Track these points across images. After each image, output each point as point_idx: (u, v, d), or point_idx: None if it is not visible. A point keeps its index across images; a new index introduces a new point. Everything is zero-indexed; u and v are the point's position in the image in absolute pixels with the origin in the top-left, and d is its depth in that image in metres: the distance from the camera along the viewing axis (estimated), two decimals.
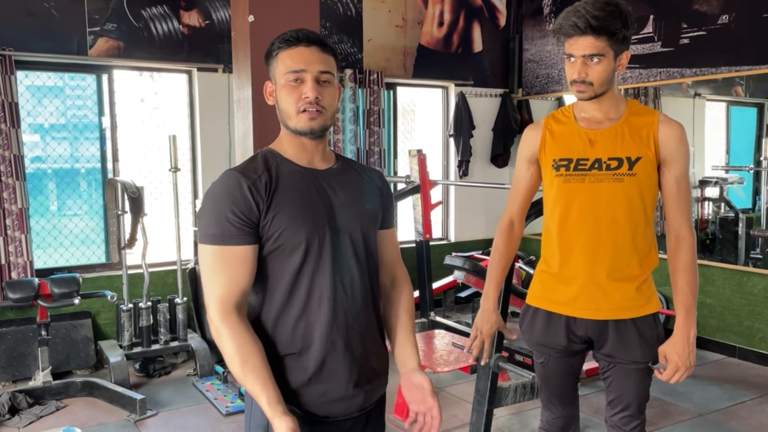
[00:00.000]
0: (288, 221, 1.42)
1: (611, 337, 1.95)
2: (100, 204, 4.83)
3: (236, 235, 1.40)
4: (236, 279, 1.41)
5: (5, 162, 4.10)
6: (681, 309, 1.91)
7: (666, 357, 1.90)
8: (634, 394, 1.99)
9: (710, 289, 4.81)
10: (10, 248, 4.16)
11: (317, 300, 1.45)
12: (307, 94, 1.43)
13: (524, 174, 2.07)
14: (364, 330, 1.52)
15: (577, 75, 1.84)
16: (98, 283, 4.52)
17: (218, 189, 1.43)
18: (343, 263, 1.48)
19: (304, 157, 1.50)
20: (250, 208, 1.40)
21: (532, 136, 2.05)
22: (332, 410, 1.48)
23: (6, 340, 4.17)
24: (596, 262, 1.91)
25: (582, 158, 1.91)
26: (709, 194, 7.23)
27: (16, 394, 3.71)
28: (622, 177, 1.88)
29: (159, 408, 3.76)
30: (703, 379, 4.23)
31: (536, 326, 2.07)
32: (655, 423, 3.52)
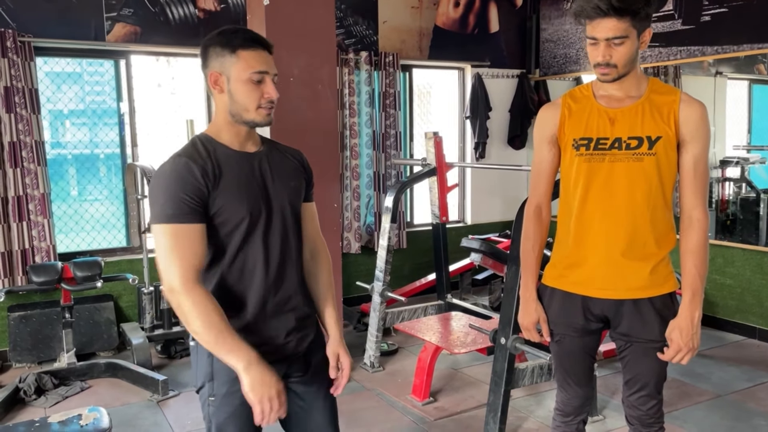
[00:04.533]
0: (230, 200, 1.61)
1: (627, 316, 1.94)
2: (120, 189, 4.89)
3: (190, 214, 1.56)
4: (194, 253, 1.56)
5: (27, 148, 4.15)
6: (687, 291, 1.89)
7: (670, 338, 1.90)
8: (651, 374, 1.98)
9: (730, 270, 4.77)
10: (33, 233, 4.23)
11: (251, 267, 1.67)
12: (271, 94, 1.64)
13: (546, 155, 2.02)
14: (291, 290, 1.74)
15: (601, 58, 1.81)
16: (119, 267, 4.59)
17: (171, 172, 1.58)
18: (275, 234, 1.70)
19: (237, 142, 1.69)
20: (201, 190, 1.57)
21: (550, 115, 2.00)
22: (270, 356, 1.63)
23: (31, 322, 4.26)
24: (613, 241, 1.90)
25: (602, 137, 1.89)
26: (730, 174, 7.13)
27: (42, 375, 3.79)
28: (641, 156, 1.86)
29: (181, 389, 3.83)
30: (722, 360, 4.21)
31: (552, 305, 2.06)
32: (674, 404, 3.52)
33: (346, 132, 5.29)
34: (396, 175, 5.58)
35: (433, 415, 3.42)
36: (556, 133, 1.98)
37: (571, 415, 2.17)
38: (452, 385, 3.84)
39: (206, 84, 1.68)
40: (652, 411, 2.02)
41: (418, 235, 5.79)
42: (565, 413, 2.18)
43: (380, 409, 3.54)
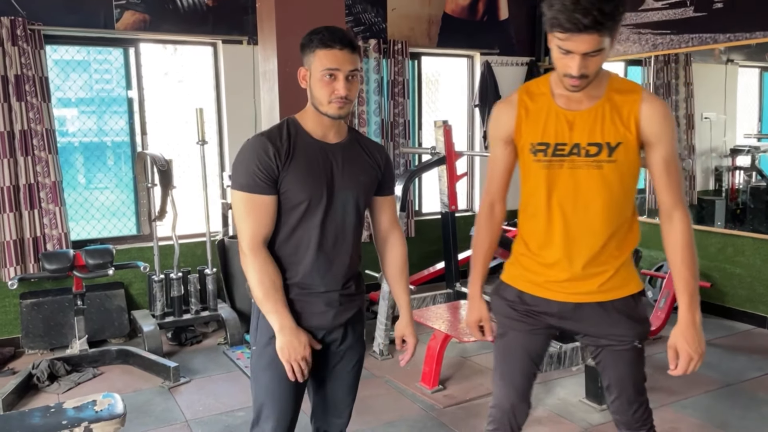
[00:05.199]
0: (294, 182, 1.80)
1: (590, 318, 1.87)
2: (129, 177, 4.90)
3: (261, 186, 1.78)
4: (261, 221, 1.80)
5: (38, 136, 4.17)
6: (684, 294, 1.80)
7: (676, 349, 1.80)
8: (628, 377, 1.89)
9: (740, 260, 4.75)
10: (45, 221, 4.25)
11: (305, 245, 1.86)
12: (339, 91, 1.78)
13: (500, 154, 1.93)
14: (339, 273, 1.91)
15: (576, 71, 1.64)
16: (130, 255, 4.61)
17: (250, 149, 1.81)
18: (331, 220, 1.86)
19: (320, 131, 1.86)
20: (272, 168, 1.78)
21: (505, 115, 1.89)
22: (310, 322, 1.89)
23: (43, 309, 4.29)
24: (575, 252, 1.83)
25: (560, 143, 1.78)
26: (741, 163, 7.08)
27: (55, 362, 3.83)
28: (601, 164, 1.76)
29: (192, 375, 3.86)
30: (731, 349, 4.21)
31: (506, 299, 1.98)
32: (683, 392, 3.53)
33: (356, 120, 5.28)
34: (405, 164, 5.57)
35: (443, 403, 3.44)
36: (512, 134, 1.88)
37: (498, 426, 2.02)
38: (461, 373, 3.85)
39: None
40: (637, 415, 1.93)
41: (427, 223, 5.79)
42: (494, 420, 2.03)
43: (390, 396, 3.56)
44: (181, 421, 3.29)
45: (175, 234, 4.38)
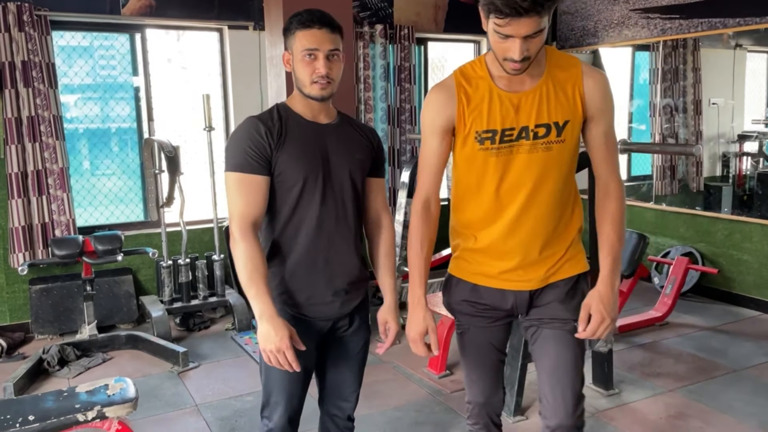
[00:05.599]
0: (288, 162, 1.80)
1: (541, 300, 1.81)
2: (135, 164, 4.91)
3: (254, 166, 1.77)
4: (252, 201, 1.78)
5: (45, 122, 4.17)
6: (608, 258, 1.76)
7: (590, 310, 1.73)
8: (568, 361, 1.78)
9: (748, 246, 4.75)
10: (53, 207, 4.27)
11: (306, 225, 1.85)
12: (320, 70, 1.78)
13: (437, 147, 1.77)
14: (342, 252, 1.90)
15: (519, 55, 1.56)
16: (137, 241, 4.63)
17: (242, 129, 1.80)
18: (329, 199, 1.85)
19: (310, 114, 1.87)
20: (264, 147, 1.77)
21: (444, 103, 1.74)
22: (317, 312, 1.90)
23: (52, 295, 4.32)
24: (531, 238, 1.76)
25: (508, 128, 1.68)
26: (748, 149, 7.05)
27: (65, 347, 3.86)
28: (551, 145, 1.69)
29: (200, 360, 3.89)
30: (739, 335, 4.21)
31: (458, 293, 1.90)
32: (689, 378, 3.54)
33: (362, 107, 5.26)
34: (411, 150, 5.56)
35: (450, 388, 3.46)
36: (453, 123, 1.74)
37: (477, 419, 1.98)
38: None
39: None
40: (572, 417, 1.79)
41: None
42: (471, 415, 1.99)
43: (397, 381, 3.58)
44: (191, 405, 3.32)
45: (183, 220, 4.39)
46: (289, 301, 1.89)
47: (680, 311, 4.61)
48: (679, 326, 4.38)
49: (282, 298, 1.88)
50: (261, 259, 1.76)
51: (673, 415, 3.14)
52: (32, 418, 2.22)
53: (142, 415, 3.12)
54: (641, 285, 5.05)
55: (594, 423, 3.07)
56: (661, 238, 5.32)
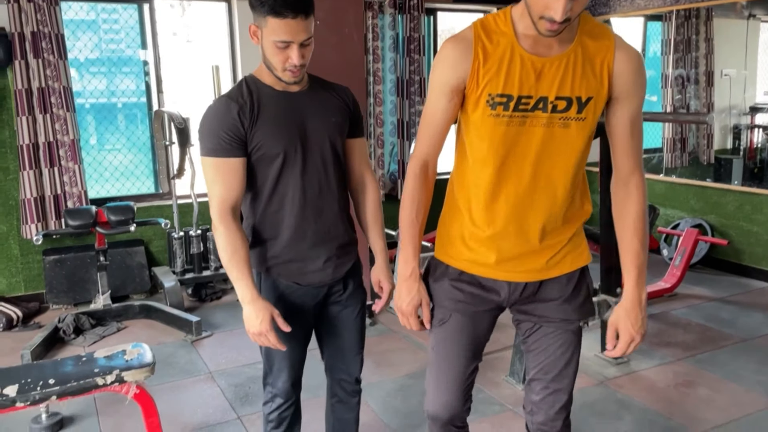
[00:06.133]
0: (267, 136, 1.75)
1: (539, 295, 1.65)
2: (143, 138, 4.91)
3: (228, 149, 1.73)
4: (230, 185, 1.75)
5: (55, 93, 4.18)
6: (632, 269, 1.58)
7: (617, 328, 1.61)
8: (564, 362, 1.65)
9: (758, 218, 4.73)
10: (65, 178, 4.29)
11: (291, 198, 1.82)
12: (293, 60, 1.70)
13: (444, 106, 1.56)
14: (329, 219, 1.88)
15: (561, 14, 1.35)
16: (149, 213, 4.66)
17: (213, 112, 1.76)
18: (312, 169, 1.82)
19: (280, 84, 1.80)
20: (238, 128, 1.73)
21: (459, 58, 1.51)
22: (310, 280, 1.90)
23: (66, 266, 4.37)
24: (534, 224, 1.58)
25: (525, 95, 1.47)
26: (760, 121, 6.99)
27: (80, 316, 3.92)
28: (569, 122, 1.49)
29: (213, 329, 3.94)
30: (747, 306, 4.23)
31: (444, 282, 1.69)
32: (698, 348, 3.56)
33: (370, 78, 5.23)
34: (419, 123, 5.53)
35: None
36: (465, 81, 1.51)
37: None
38: None
39: None
40: (561, 416, 1.68)
41: (443, 182, 5.76)
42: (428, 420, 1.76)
43: (407, 350, 3.62)
44: (205, 373, 3.37)
45: (194, 192, 4.42)
46: (282, 272, 1.88)
47: (689, 283, 4.62)
48: (688, 297, 4.40)
49: (275, 270, 1.88)
50: (241, 242, 1.76)
51: (681, 383, 3.17)
52: (52, 381, 2.26)
53: (157, 381, 3.18)
54: (650, 257, 5.04)
55: (603, 391, 3.10)
56: (671, 210, 5.31)
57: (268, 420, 2.04)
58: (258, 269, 1.88)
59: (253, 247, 1.88)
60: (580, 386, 3.14)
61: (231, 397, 3.10)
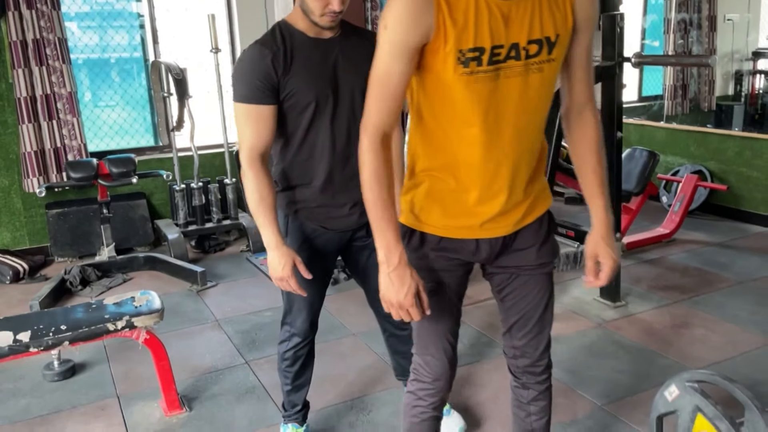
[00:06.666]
0: (300, 84, 1.76)
1: (516, 245, 1.58)
2: (138, 93, 4.87)
3: (260, 96, 1.74)
4: (260, 131, 1.78)
5: (50, 45, 4.13)
6: (599, 195, 1.57)
7: (598, 257, 1.59)
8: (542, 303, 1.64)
9: (758, 163, 4.74)
10: (64, 131, 4.28)
11: (321, 146, 1.85)
12: (334, 6, 1.71)
13: (402, 69, 1.35)
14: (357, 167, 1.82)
15: None
16: (149, 165, 4.66)
17: (246, 59, 1.78)
18: (342, 117, 1.84)
19: (313, 30, 1.80)
20: (271, 75, 1.74)
21: (419, 11, 1.29)
22: (337, 225, 1.97)
23: (69, 219, 4.40)
24: (518, 178, 1.49)
25: (496, 46, 1.33)
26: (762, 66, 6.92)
27: (86, 268, 3.97)
28: (542, 65, 1.39)
29: (218, 280, 4.00)
30: (745, 250, 4.28)
31: (428, 245, 1.57)
32: (695, 290, 3.63)
33: (368, 26, 5.15)
34: None
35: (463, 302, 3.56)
36: (430, 38, 1.32)
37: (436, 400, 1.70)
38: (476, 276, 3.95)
39: None
40: (545, 356, 1.69)
41: None
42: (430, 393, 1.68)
43: None
44: (212, 321, 3.44)
45: (194, 144, 4.41)
46: (309, 216, 1.95)
47: (688, 228, 4.66)
48: (686, 242, 4.45)
49: (302, 214, 1.95)
50: (269, 189, 1.81)
51: (679, 324, 3.24)
52: (64, 327, 2.32)
53: (165, 329, 3.24)
54: (649, 203, 5.08)
55: (601, 333, 3.17)
56: (671, 156, 5.32)
57: (284, 358, 2.14)
58: (286, 212, 1.95)
59: (282, 191, 1.94)
60: (579, 329, 3.22)
61: (238, 343, 3.17)
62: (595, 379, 2.74)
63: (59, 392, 2.77)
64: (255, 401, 2.65)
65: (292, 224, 1.96)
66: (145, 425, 2.51)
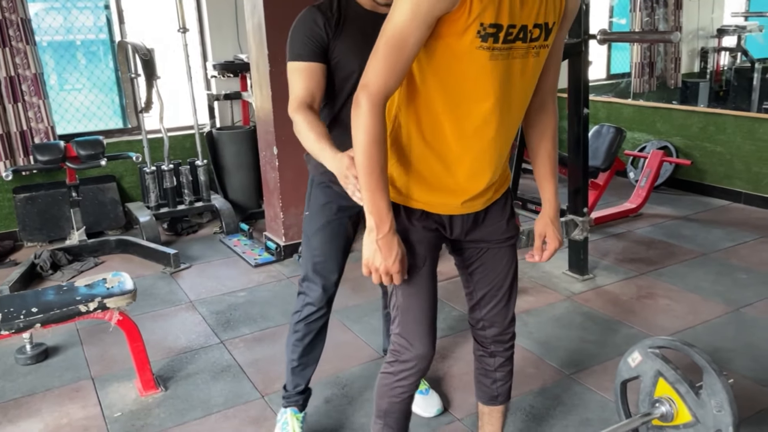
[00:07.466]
0: (345, 51, 1.81)
1: (484, 221, 1.63)
2: (105, 75, 4.79)
3: (308, 54, 1.80)
4: (308, 85, 1.80)
5: (13, 26, 4.04)
6: (551, 180, 1.68)
7: (545, 236, 1.72)
8: (509, 274, 1.70)
9: (721, 138, 4.86)
10: (30, 114, 4.21)
11: None
12: None
13: (421, 36, 1.32)
14: None
15: None
16: (118, 148, 4.60)
17: (301, 20, 1.83)
18: None
19: (370, 4, 1.85)
20: (322, 37, 1.80)
21: None
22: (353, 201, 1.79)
23: (37, 203, 4.34)
24: (502, 156, 1.54)
25: (511, 25, 1.33)
26: (726, 44, 7.05)
27: (56, 252, 3.93)
28: (539, 50, 1.42)
29: (191, 261, 4.00)
30: (708, 222, 4.40)
31: (415, 223, 1.58)
32: (660, 262, 3.73)
33: None
34: None
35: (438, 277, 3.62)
36: (455, 8, 1.29)
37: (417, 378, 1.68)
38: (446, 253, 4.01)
39: None
40: (512, 325, 1.77)
41: None
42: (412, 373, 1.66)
43: None
44: (186, 302, 3.44)
45: (164, 126, 4.37)
46: (334, 179, 1.77)
47: (654, 203, 4.78)
48: (652, 216, 4.56)
49: (328, 176, 1.85)
50: (321, 124, 1.74)
51: (644, 295, 3.33)
52: (35, 310, 2.31)
53: (139, 311, 3.24)
54: (617, 179, 5.19)
55: (570, 305, 3.26)
56: (638, 133, 5.42)
57: (295, 330, 2.16)
58: (313, 174, 2.03)
59: None
60: (549, 302, 3.30)
61: (213, 323, 3.19)
62: (563, 350, 2.82)
63: (32, 375, 2.76)
64: (231, 379, 2.68)
65: (317, 187, 2.02)
66: (120, 405, 2.52)
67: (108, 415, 2.46)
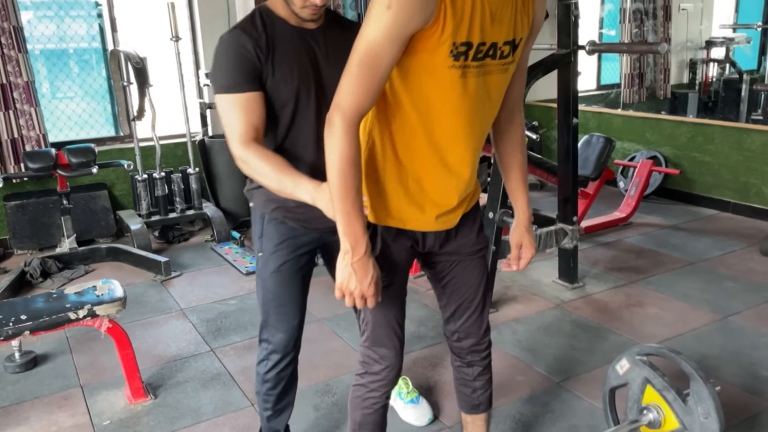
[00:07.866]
0: (280, 76, 1.64)
1: (456, 234, 1.63)
2: (98, 84, 4.80)
3: (242, 84, 1.60)
4: (249, 119, 1.60)
5: (5, 33, 4.04)
6: (523, 190, 1.72)
7: (523, 246, 1.74)
8: (480, 285, 1.71)
9: (709, 148, 4.91)
10: (21, 122, 4.20)
11: (303, 142, 1.71)
12: (316, 1, 1.59)
13: (395, 54, 1.30)
14: None
15: None
16: (110, 156, 4.60)
17: (225, 46, 1.63)
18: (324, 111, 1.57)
19: (295, 18, 1.67)
20: (253, 62, 1.61)
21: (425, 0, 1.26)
22: (316, 224, 1.75)
23: (28, 211, 4.33)
24: (473, 171, 1.53)
25: (481, 43, 1.34)
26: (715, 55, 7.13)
27: (46, 260, 3.92)
28: (507, 66, 1.43)
29: (182, 269, 3.99)
30: (696, 232, 4.44)
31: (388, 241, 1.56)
32: (648, 271, 3.76)
33: None
34: None
35: (425, 287, 3.62)
36: (427, 26, 1.28)
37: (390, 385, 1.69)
38: None
39: None
40: (487, 334, 1.78)
41: None
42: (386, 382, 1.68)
43: None
44: (177, 310, 3.44)
45: (155, 133, 4.37)
46: (288, 215, 1.80)
47: (643, 212, 4.81)
48: (641, 225, 4.59)
49: (279, 213, 1.79)
50: (275, 155, 1.60)
51: (633, 303, 3.36)
52: (24, 317, 2.31)
53: (129, 319, 3.23)
54: (607, 189, 5.22)
55: (559, 313, 3.27)
56: (628, 143, 5.46)
57: (265, 380, 1.97)
58: (262, 211, 1.82)
59: (259, 188, 1.76)
60: (539, 309, 3.31)
61: (203, 331, 3.18)
62: (552, 357, 2.83)
63: (21, 383, 2.75)
64: (221, 387, 2.68)
65: (269, 224, 1.82)
66: (109, 413, 2.51)
67: (97, 423, 2.45)
